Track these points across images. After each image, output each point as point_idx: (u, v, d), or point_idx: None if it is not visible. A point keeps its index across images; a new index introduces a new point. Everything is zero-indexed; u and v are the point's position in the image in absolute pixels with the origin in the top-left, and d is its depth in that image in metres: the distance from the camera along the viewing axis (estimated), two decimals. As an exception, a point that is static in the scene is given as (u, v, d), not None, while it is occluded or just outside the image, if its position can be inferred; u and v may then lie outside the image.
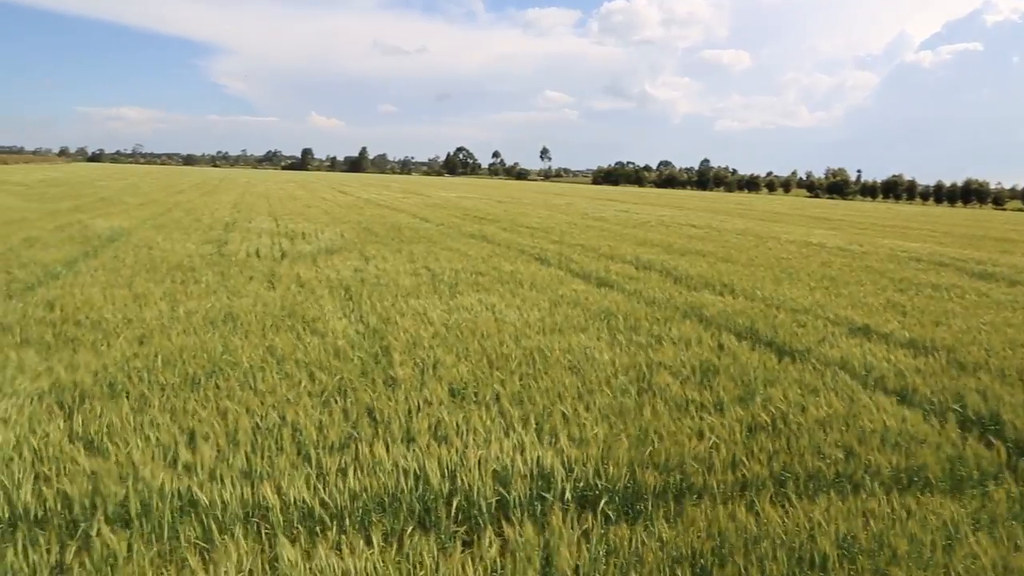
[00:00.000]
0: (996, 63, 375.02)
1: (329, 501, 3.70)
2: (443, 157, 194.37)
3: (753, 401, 5.46)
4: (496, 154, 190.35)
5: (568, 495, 3.92)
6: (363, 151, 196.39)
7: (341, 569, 3.14)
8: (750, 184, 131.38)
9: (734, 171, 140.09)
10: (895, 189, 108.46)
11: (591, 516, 3.67)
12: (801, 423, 5.03)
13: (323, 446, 4.33)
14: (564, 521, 3.55)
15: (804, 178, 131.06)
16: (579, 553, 3.39)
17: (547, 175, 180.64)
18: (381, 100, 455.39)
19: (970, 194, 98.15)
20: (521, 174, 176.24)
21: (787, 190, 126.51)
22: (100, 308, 7.85)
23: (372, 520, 3.60)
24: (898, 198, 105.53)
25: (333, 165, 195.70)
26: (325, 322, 7.55)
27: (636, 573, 3.32)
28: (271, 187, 49.28)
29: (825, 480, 4.29)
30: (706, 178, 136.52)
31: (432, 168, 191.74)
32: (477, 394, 5.38)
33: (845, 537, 3.57)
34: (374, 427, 4.67)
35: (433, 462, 4.03)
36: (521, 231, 20.26)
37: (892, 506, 3.92)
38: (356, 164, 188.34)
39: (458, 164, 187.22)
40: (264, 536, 3.47)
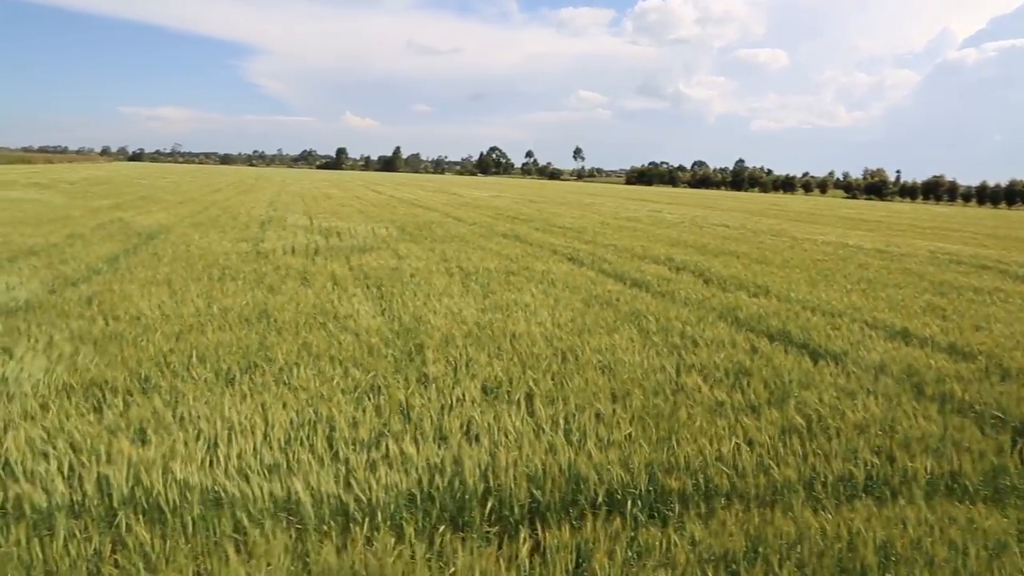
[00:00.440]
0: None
1: (363, 497, 3.72)
2: (476, 157, 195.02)
3: (787, 404, 5.39)
4: (529, 154, 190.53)
5: (600, 497, 3.90)
6: (397, 150, 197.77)
7: (373, 565, 3.16)
8: (786, 185, 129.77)
9: (769, 171, 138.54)
10: (936, 190, 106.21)
11: (620, 517, 3.65)
12: (837, 427, 4.96)
13: (355, 442, 4.36)
14: (596, 522, 3.54)
15: (841, 179, 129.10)
16: (611, 554, 3.37)
17: (580, 175, 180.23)
18: (415, 100, 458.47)
19: (1015, 195, 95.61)
20: (554, 174, 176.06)
21: (823, 191, 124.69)
22: (138, 304, 7.99)
23: (404, 517, 3.61)
24: (939, 199, 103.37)
25: (367, 164, 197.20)
26: (359, 319, 7.60)
27: (668, 575, 3.29)
28: (306, 186, 49.80)
29: (861, 485, 4.22)
30: (741, 178, 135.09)
31: (465, 168, 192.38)
32: (509, 393, 5.38)
33: (884, 544, 3.50)
34: (406, 424, 4.69)
35: (467, 461, 4.04)
36: (554, 231, 20.23)
37: (933, 514, 3.84)
38: (390, 163, 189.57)
39: (491, 164, 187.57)
40: (296, 531, 3.51)
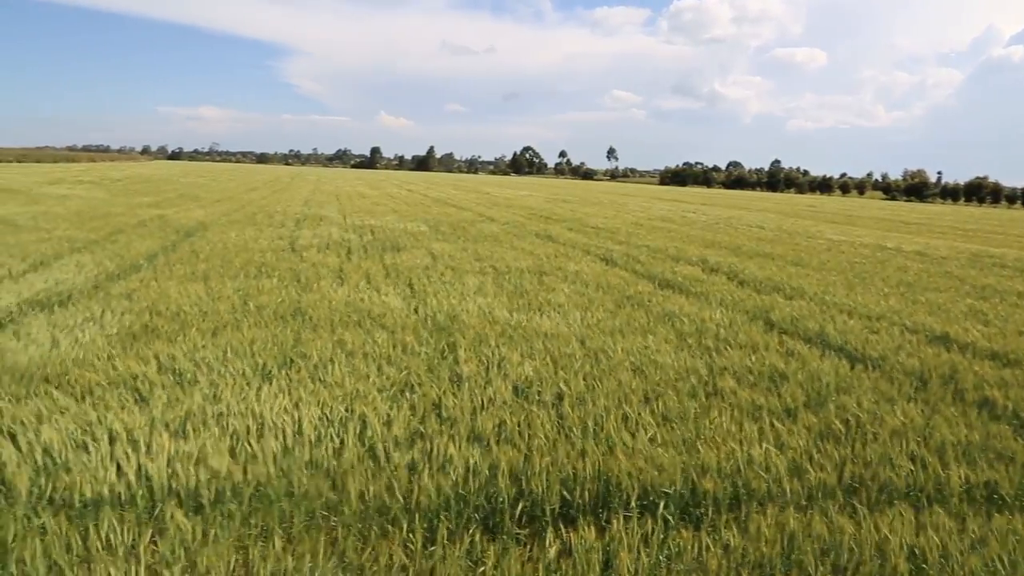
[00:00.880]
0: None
1: (400, 497, 3.75)
2: (509, 156, 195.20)
3: (824, 408, 5.31)
4: (563, 154, 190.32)
5: (632, 499, 3.88)
6: (430, 150, 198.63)
7: (406, 564, 3.18)
8: (822, 186, 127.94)
9: (806, 172, 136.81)
10: (978, 192, 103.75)
11: (652, 519, 3.63)
12: (874, 433, 4.87)
13: (390, 441, 4.39)
14: (625, 525, 3.52)
15: (880, 180, 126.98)
16: (640, 557, 3.35)
17: (614, 175, 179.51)
18: (449, 100, 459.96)
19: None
20: (587, 174, 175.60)
21: (861, 192, 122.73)
22: (176, 300, 8.13)
23: (439, 518, 3.63)
24: (982, 201, 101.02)
25: (401, 164, 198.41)
26: (393, 317, 7.65)
27: (700, 580, 3.26)
28: (340, 185, 50.25)
29: (898, 492, 4.14)
30: (776, 179, 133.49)
31: (498, 167, 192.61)
32: (540, 394, 5.38)
33: (918, 553, 3.43)
34: (440, 424, 4.71)
35: (500, 463, 4.04)
36: (587, 231, 20.18)
37: (969, 523, 3.75)
38: (423, 163, 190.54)
39: (524, 164, 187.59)
40: (331, 528, 3.55)
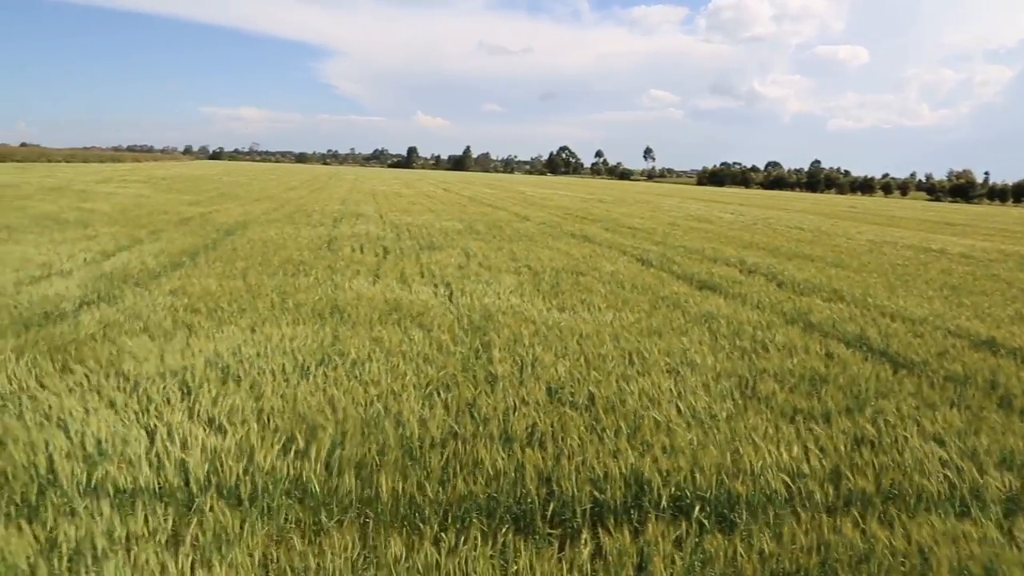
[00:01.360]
0: None
1: (431, 495, 3.77)
2: (545, 156, 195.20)
3: (862, 413, 5.22)
4: (599, 154, 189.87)
5: (664, 502, 3.85)
6: (467, 150, 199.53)
7: (440, 564, 3.20)
8: (864, 186, 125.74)
9: (846, 172, 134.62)
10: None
11: (686, 523, 3.60)
12: (915, 439, 4.76)
13: (425, 441, 4.42)
14: (658, 528, 3.50)
15: (924, 180, 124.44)
16: (674, 561, 3.33)
17: (650, 175, 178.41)
18: (485, 100, 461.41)
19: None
20: (624, 174, 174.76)
21: (904, 193, 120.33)
22: (217, 297, 8.26)
23: (471, 518, 3.64)
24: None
25: (437, 163, 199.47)
26: (429, 316, 7.69)
27: (734, 585, 3.23)
28: (377, 184, 50.67)
29: (937, 500, 4.05)
30: (816, 179, 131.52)
31: (534, 167, 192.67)
32: (574, 394, 5.36)
33: (959, 564, 3.35)
34: (474, 424, 4.72)
35: (530, 465, 4.04)
36: (623, 231, 20.08)
37: (1013, 534, 3.65)
38: (459, 163, 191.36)
39: (560, 163, 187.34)
40: (367, 526, 3.58)
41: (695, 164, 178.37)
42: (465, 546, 3.30)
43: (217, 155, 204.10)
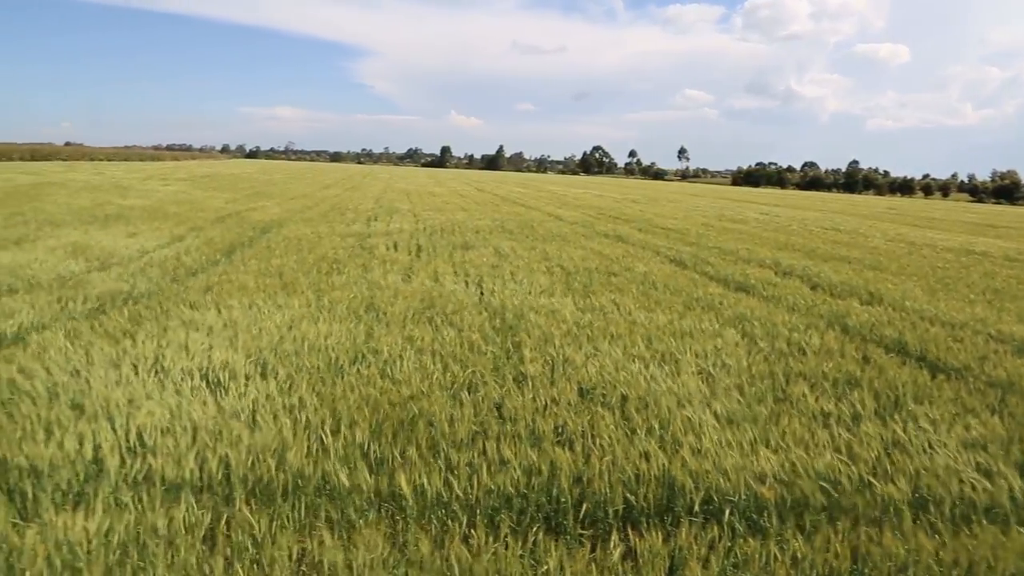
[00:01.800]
0: None
1: (460, 494, 3.79)
2: (579, 156, 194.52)
3: (899, 418, 5.13)
4: (632, 153, 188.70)
5: (696, 505, 3.83)
6: (500, 149, 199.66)
7: (467, 560, 3.21)
8: (903, 187, 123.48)
9: (885, 173, 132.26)
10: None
11: (718, 526, 3.58)
12: (953, 445, 4.67)
13: (453, 439, 4.44)
14: (691, 531, 3.48)
15: (966, 181, 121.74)
16: (706, 565, 3.31)
17: (684, 175, 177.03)
18: (519, 99, 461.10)
19: None
20: (658, 174, 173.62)
21: (945, 194, 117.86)
22: (252, 295, 8.38)
23: (501, 517, 3.65)
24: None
25: (470, 163, 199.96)
26: (461, 315, 7.72)
27: (767, 590, 3.20)
28: (411, 183, 50.97)
29: (980, 509, 3.96)
30: (854, 180, 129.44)
31: (567, 167, 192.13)
32: (605, 395, 5.35)
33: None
34: (502, 424, 4.73)
35: (564, 464, 4.04)
36: (656, 232, 19.96)
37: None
38: (493, 162, 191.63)
39: (593, 163, 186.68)
40: (396, 522, 3.61)
41: (730, 164, 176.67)
42: (495, 544, 3.32)
43: (253, 154, 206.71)
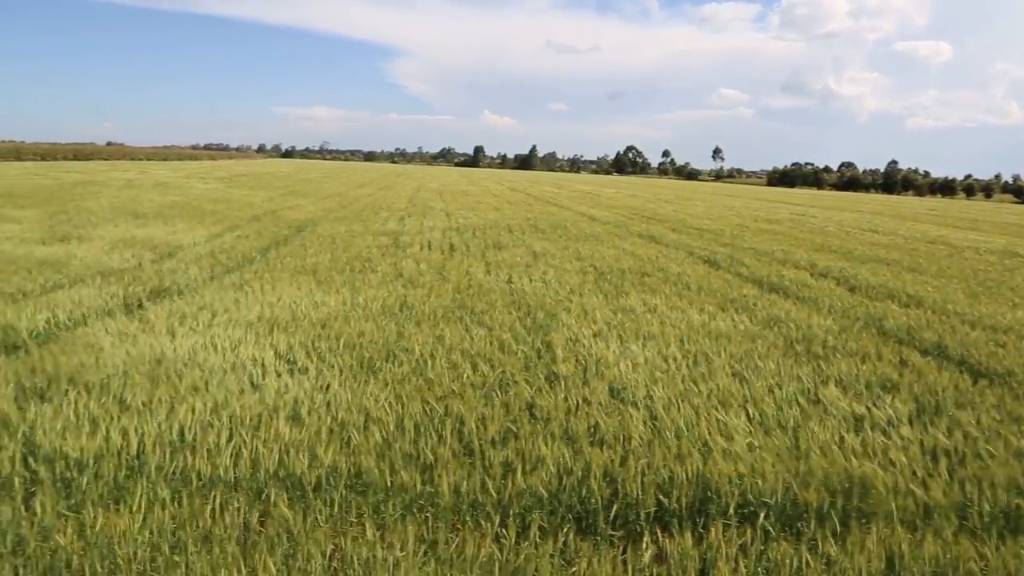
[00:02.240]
0: None
1: (494, 493, 3.80)
2: (612, 156, 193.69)
3: (938, 424, 5.03)
4: (666, 153, 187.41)
5: (730, 507, 3.79)
6: (533, 149, 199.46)
7: (499, 559, 3.22)
8: (944, 188, 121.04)
9: (926, 173, 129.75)
10: None
11: (751, 529, 3.54)
12: (997, 453, 4.57)
13: (484, 439, 4.45)
14: (723, 534, 3.45)
15: (1010, 182, 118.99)
16: (738, 568, 3.28)
17: (719, 175, 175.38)
18: (552, 99, 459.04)
19: None
20: (692, 174, 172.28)
21: (988, 195, 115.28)
22: (289, 293, 8.49)
23: (533, 517, 3.66)
24: None
25: (503, 162, 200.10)
26: (492, 315, 7.74)
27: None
28: (444, 182, 51.18)
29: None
30: (893, 181, 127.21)
31: (600, 167, 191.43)
32: (637, 395, 5.32)
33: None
34: (535, 423, 4.73)
35: (596, 465, 4.03)
36: (690, 232, 19.81)
37: None
38: (526, 162, 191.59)
39: (627, 163, 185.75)
40: (427, 521, 3.63)
41: (765, 164, 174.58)
42: (526, 543, 3.32)
43: (289, 153, 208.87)
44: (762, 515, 3.70)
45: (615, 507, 3.75)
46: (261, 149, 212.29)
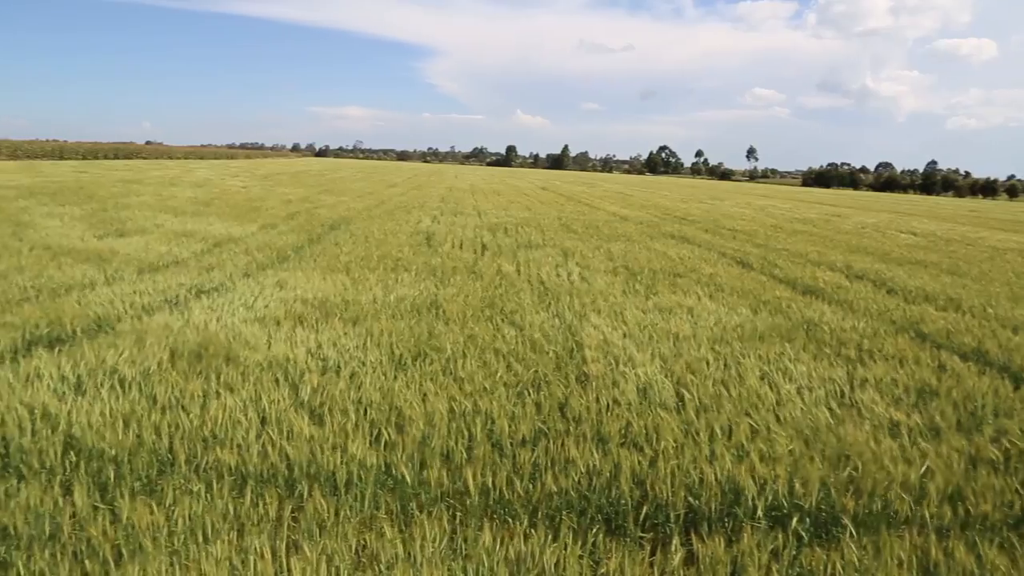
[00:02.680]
0: None
1: (522, 492, 3.81)
2: (644, 155, 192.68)
3: (980, 432, 4.92)
4: (699, 153, 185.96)
5: (760, 512, 3.76)
6: (565, 148, 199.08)
7: (530, 558, 3.23)
8: (985, 189, 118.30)
9: (966, 174, 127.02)
10: None
11: (782, 534, 3.50)
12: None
13: (515, 439, 4.45)
14: (754, 538, 3.42)
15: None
16: (769, 572, 3.25)
17: (753, 176, 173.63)
18: (585, 98, 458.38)
19: None
20: (725, 174, 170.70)
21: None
22: (322, 290, 8.58)
23: (562, 517, 3.65)
24: None
25: (536, 162, 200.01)
26: (523, 314, 7.74)
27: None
28: (476, 182, 51.29)
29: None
30: (932, 181, 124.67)
31: (633, 167, 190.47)
32: (668, 397, 5.29)
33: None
34: (566, 424, 4.73)
35: (625, 466, 4.02)
36: (723, 233, 19.63)
37: None
38: (557, 161, 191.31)
39: (659, 163, 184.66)
40: (456, 518, 3.64)
41: (800, 164, 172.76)
42: (555, 543, 3.32)
43: (323, 153, 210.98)
44: (795, 519, 3.66)
45: (644, 509, 3.73)
46: (295, 148, 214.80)
